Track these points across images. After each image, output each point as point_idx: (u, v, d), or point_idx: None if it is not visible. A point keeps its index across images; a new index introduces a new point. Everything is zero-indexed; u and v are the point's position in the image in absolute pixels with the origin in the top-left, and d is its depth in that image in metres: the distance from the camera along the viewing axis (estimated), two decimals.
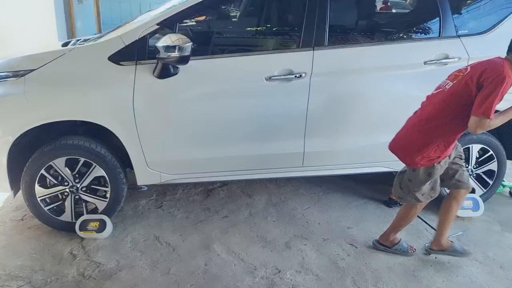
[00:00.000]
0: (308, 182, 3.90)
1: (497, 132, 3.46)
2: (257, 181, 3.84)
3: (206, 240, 3.01)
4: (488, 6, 3.31)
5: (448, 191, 3.37)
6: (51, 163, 2.86)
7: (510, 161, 3.56)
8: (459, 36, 3.15)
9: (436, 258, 2.85)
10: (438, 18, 3.14)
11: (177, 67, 2.80)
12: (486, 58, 3.12)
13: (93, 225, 2.93)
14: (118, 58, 2.79)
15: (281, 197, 3.66)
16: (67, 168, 2.91)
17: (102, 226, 2.93)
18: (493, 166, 3.42)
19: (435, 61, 3.08)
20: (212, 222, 3.25)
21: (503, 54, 3.18)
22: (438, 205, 3.43)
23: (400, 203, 3.49)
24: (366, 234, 3.12)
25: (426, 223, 3.28)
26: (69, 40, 3.51)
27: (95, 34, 4.14)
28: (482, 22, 3.26)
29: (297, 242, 3.00)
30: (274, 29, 3.61)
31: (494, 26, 3.22)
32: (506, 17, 3.25)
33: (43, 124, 2.80)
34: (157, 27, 2.84)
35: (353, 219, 3.32)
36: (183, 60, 2.69)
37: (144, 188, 3.70)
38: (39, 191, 2.91)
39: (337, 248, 2.95)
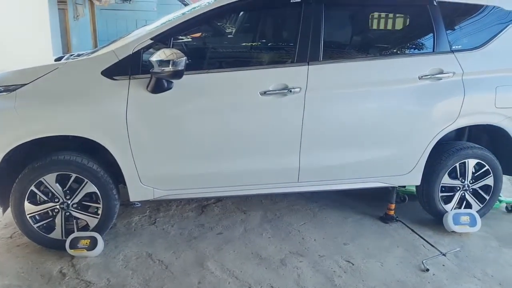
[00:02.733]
0: (303, 197, 3.86)
1: (493, 147, 3.45)
2: (252, 197, 3.80)
3: (200, 257, 2.95)
4: (481, 22, 3.32)
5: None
6: (41, 179, 2.81)
7: (506, 176, 3.54)
8: (453, 51, 3.16)
9: (434, 275, 2.80)
10: (432, 34, 3.16)
11: (171, 82, 2.78)
12: (480, 73, 3.18)
13: (83, 242, 2.86)
14: (111, 72, 2.76)
15: (277, 213, 3.61)
16: (57, 184, 2.86)
17: (93, 244, 2.86)
18: (489, 181, 3.40)
19: (429, 76, 3.07)
20: (206, 238, 3.19)
21: (495, 69, 3.22)
22: (436, 220, 3.42)
23: (397, 218, 3.47)
24: (362, 250, 3.07)
25: (423, 239, 3.23)
26: (62, 55, 3.49)
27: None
28: (475, 37, 3.27)
29: (293, 259, 2.95)
30: (269, 44, 3.61)
31: (488, 41, 3.23)
32: (498, 32, 3.27)
33: (34, 139, 2.76)
34: (151, 41, 2.82)
35: (349, 235, 3.27)
36: (177, 74, 2.66)
37: (137, 204, 3.64)
38: (28, 208, 2.84)
39: (333, 265, 2.89)
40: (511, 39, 3.26)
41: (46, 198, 2.88)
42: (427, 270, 2.84)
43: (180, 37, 3.21)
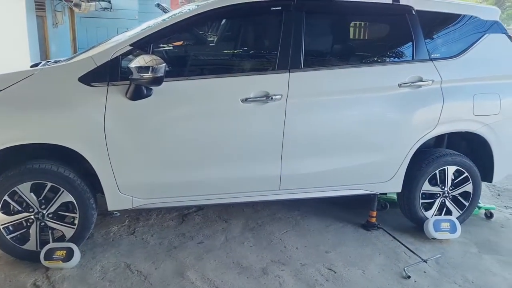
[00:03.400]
0: (285, 206, 3.83)
1: (471, 154, 3.49)
2: (233, 205, 3.76)
3: (180, 267, 2.89)
4: (458, 31, 3.38)
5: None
6: (15, 188, 2.72)
7: (485, 182, 3.58)
8: (431, 60, 3.20)
9: (415, 282, 2.80)
10: (411, 42, 3.20)
11: (151, 89, 2.73)
12: (458, 81, 3.23)
13: (59, 253, 2.77)
14: (89, 79, 2.71)
15: (258, 221, 3.58)
16: (32, 194, 2.77)
17: (69, 255, 2.77)
18: (468, 187, 3.44)
19: (409, 84, 3.10)
20: (187, 248, 3.13)
21: (473, 77, 3.28)
22: (417, 227, 3.43)
23: (378, 226, 3.47)
24: (344, 258, 3.05)
25: (405, 246, 3.24)
26: (38, 62, 3.41)
27: None
28: (453, 46, 3.33)
29: (274, 267, 2.91)
30: (250, 51, 3.60)
31: (465, 50, 3.29)
32: (475, 41, 3.33)
33: (8, 147, 2.67)
34: (131, 48, 2.78)
35: (331, 243, 3.25)
36: (157, 81, 2.62)
37: (116, 213, 3.56)
38: (1, 218, 2.74)
39: (315, 273, 2.87)
40: (487, 48, 3.33)
41: (20, 208, 2.79)
42: (409, 277, 2.84)
43: (161, 44, 3.17)
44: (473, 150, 3.53)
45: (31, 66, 3.11)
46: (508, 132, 3.39)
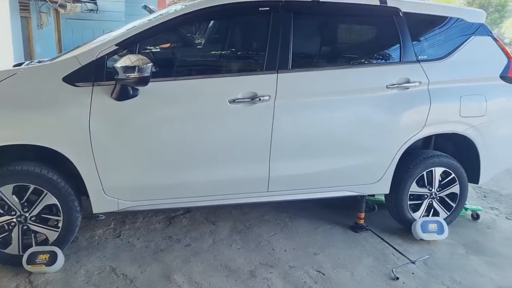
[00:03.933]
0: (273, 208, 3.81)
1: (458, 155, 3.51)
2: (221, 207, 3.72)
3: (166, 270, 2.84)
4: (445, 33, 3.41)
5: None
6: None
7: (471, 184, 3.60)
8: (419, 61, 3.21)
9: (404, 283, 2.80)
10: (398, 44, 3.21)
11: (137, 89, 2.69)
12: (445, 83, 3.25)
13: (42, 257, 2.70)
14: (73, 79, 2.65)
15: (246, 223, 3.55)
16: (14, 196, 2.70)
17: (52, 259, 2.70)
18: (455, 189, 3.46)
19: (396, 85, 3.11)
20: (174, 251, 3.09)
21: (460, 78, 3.31)
22: (404, 229, 3.44)
23: (367, 227, 3.47)
24: (333, 260, 3.04)
25: (393, 247, 3.24)
26: (21, 62, 3.34)
27: None
28: (440, 48, 3.35)
29: (263, 270, 2.88)
30: (238, 52, 3.57)
31: (452, 52, 3.32)
32: (462, 43, 3.36)
33: None
34: (116, 47, 2.73)
35: (320, 245, 3.24)
36: (143, 81, 2.58)
37: (101, 216, 3.50)
38: None
39: (304, 275, 2.84)
40: (474, 50, 3.36)
41: (1, 211, 2.71)
42: (397, 278, 2.83)
43: (147, 44, 3.13)
44: (460, 151, 3.55)
45: (14, 66, 3.04)
46: (494, 134, 3.41)
